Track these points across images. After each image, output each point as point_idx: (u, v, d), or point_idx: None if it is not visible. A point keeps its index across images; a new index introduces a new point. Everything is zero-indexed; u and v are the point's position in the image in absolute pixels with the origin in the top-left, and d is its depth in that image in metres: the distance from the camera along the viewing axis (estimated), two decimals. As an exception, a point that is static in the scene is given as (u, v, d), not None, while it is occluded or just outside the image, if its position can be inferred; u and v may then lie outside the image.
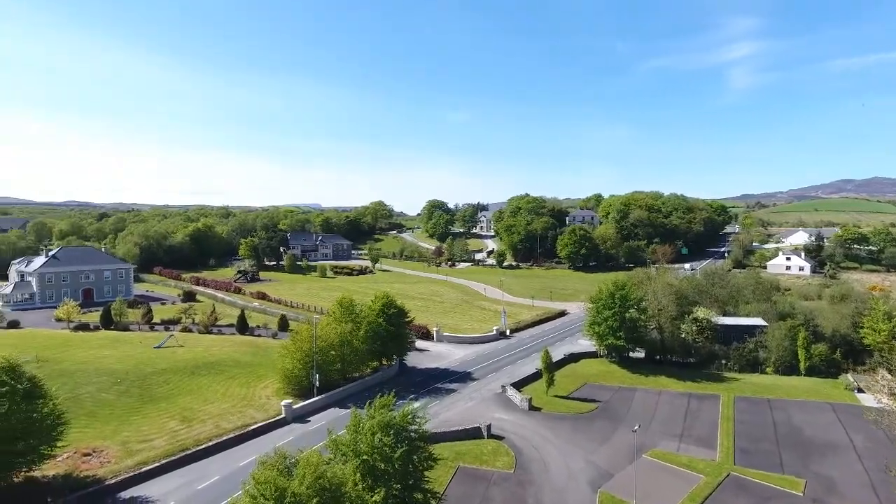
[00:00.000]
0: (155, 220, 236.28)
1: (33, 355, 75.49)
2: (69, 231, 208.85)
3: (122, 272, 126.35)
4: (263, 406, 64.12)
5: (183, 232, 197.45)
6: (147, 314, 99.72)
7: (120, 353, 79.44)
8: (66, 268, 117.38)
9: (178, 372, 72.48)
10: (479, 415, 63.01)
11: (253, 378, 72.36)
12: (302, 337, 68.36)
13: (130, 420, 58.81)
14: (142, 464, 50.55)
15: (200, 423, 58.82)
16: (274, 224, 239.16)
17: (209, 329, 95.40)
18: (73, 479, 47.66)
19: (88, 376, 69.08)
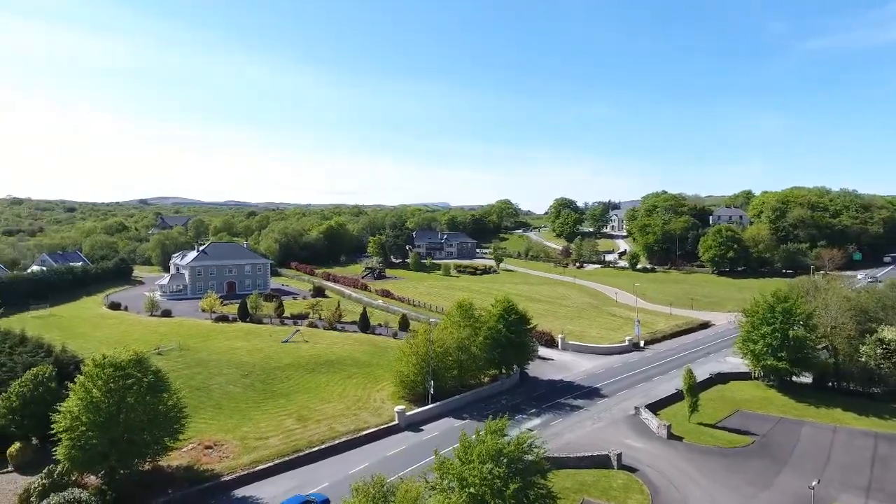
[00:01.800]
0: (294, 218, 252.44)
1: (177, 343, 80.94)
2: (222, 228, 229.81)
3: (261, 267, 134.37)
4: (378, 410, 62.26)
5: (317, 229, 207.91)
6: (279, 308, 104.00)
7: (251, 345, 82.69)
8: (214, 262, 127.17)
9: (299, 368, 73.42)
10: (607, 439, 55.83)
11: (370, 379, 71.16)
12: (418, 340, 65.69)
13: (251, 415, 59.72)
14: (256, 462, 50.41)
15: (315, 424, 58.15)
16: (401, 222, 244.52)
17: (333, 325, 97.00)
18: (194, 471, 48.54)
19: (220, 367, 72.11)
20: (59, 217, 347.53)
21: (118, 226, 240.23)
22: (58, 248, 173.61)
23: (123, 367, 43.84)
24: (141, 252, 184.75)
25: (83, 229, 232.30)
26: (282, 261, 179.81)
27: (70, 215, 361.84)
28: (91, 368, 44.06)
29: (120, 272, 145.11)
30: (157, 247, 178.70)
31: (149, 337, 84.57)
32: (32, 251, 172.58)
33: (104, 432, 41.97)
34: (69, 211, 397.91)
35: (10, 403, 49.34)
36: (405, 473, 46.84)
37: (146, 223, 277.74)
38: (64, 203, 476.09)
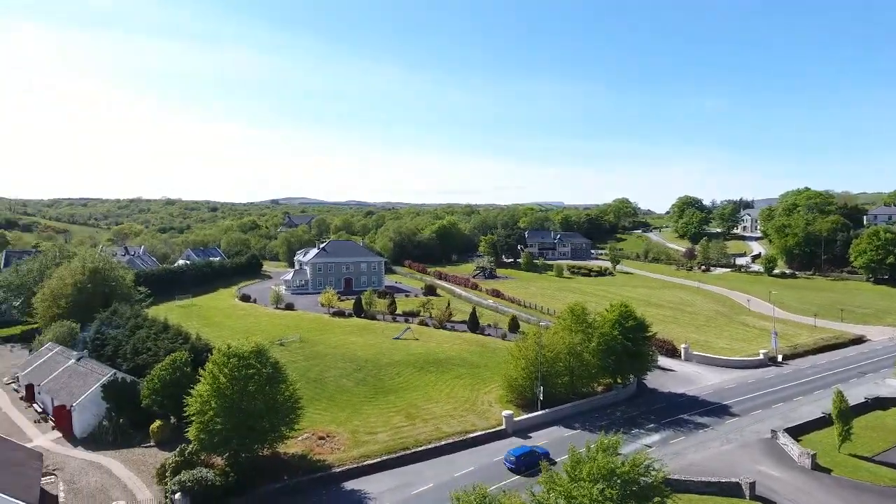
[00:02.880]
0: (408, 218, 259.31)
1: (298, 335, 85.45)
2: (342, 227, 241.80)
3: (376, 264, 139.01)
4: (485, 413, 61.09)
5: (430, 228, 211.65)
6: (391, 305, 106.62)
7: (364, 340, 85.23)
8: (333, 259, 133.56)
9: (409, 366, 74.28)
10: (737, 464, 50.20)
11: (478, 381, 70.22)
12: (528, 344, 63.65)
13: (362, 409, 61.14)
14: (365, 457, 51.31)
15: (423, 423, 58.22)
16: (513, 222, 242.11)
17: (443, 324, 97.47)
18: (308, 460, 50.39)
19: (335, 361, 74.90)
20: (203, 216, 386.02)
21: (251, 224, 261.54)
22: (200, 244, 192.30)
23: (245, 357, 46.36)
24: (270, 249, 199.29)
25: (222, 227, 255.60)
26: (395, 259, 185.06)
27: (213, 214, 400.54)
28: (218, 357, 47.12)
29: (251, 267, 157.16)
30: (283, 244, 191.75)
31: (273, 328, 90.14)
32: (180, 247, 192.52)
33: (228, 417, 44.64)
34: (212, 210, 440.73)
35: (153, 385, 54.34)
36: (509, 483, 45.25)
37: (275, 222, 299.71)
38: (208, 203, 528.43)
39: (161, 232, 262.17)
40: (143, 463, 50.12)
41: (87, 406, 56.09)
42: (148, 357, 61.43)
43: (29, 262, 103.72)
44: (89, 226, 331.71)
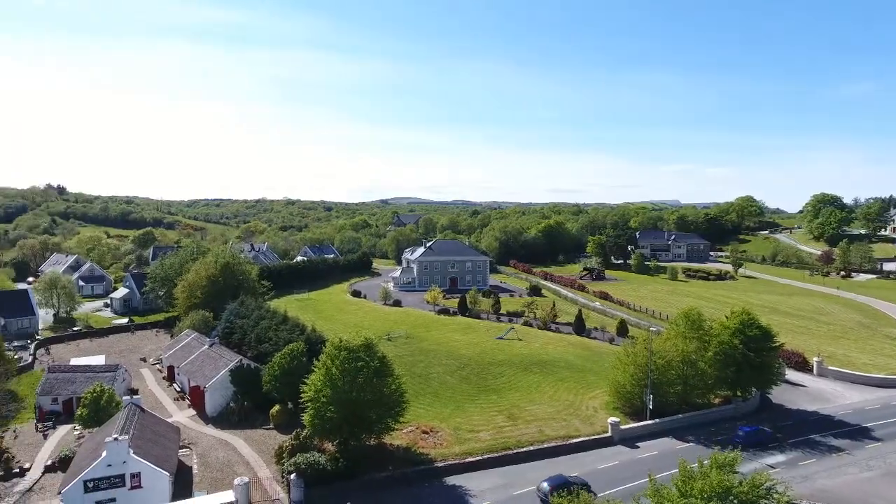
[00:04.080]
0: (514, 217, 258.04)
1: (405, 331, 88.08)
2: (448, 226, 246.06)
3: (481, 264, 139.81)
4: (589, 419, 59.36)
5: (536, 228, 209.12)
6: (495, 304, 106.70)
7: (468, 339, 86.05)
8: (438, 258, 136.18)
9: (512, 366, 73.95)
10: (880, 496, 44.72)
11: (582, 385, 68.38)
12: (637, 349, 60.99)
13: (465, 407, 61.79)
14: (467, 454, 51.82)
15: (525, 424, 57.74)
16: (624, 221, 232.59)
17: (547, 325, 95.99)
18: (412, 453, 51.84)
19: (440, 357, 76.31)
20: (319, 215, 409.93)
21: (362, 223, 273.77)
22: (316, 241, 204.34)
23: (356, 350, 48.59)
24: (379, 247, 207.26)
25: (336, 226, 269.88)
26: (500, 258, 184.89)
27: (328, 214, 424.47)
28: (330, 349, 49.80)
29: (362, 264, 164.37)
30: (392, 242, 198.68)
31: (381, 323, 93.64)
32: (298, 244, 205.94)
33: (339, 407, 47.04)
34: (327, 210, 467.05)
35: (273, 372, 58.63)
36: (614, 493, 43.57)
37: (385, 221, 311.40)
38: (324, 203, 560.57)
39: (282, 230, 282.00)
40: (264, 443, 54.19)
41: (218, 388, 61.71)
42: (269, 346, 66.34)
43: (171, 256, 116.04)
44: (221, 224, 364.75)
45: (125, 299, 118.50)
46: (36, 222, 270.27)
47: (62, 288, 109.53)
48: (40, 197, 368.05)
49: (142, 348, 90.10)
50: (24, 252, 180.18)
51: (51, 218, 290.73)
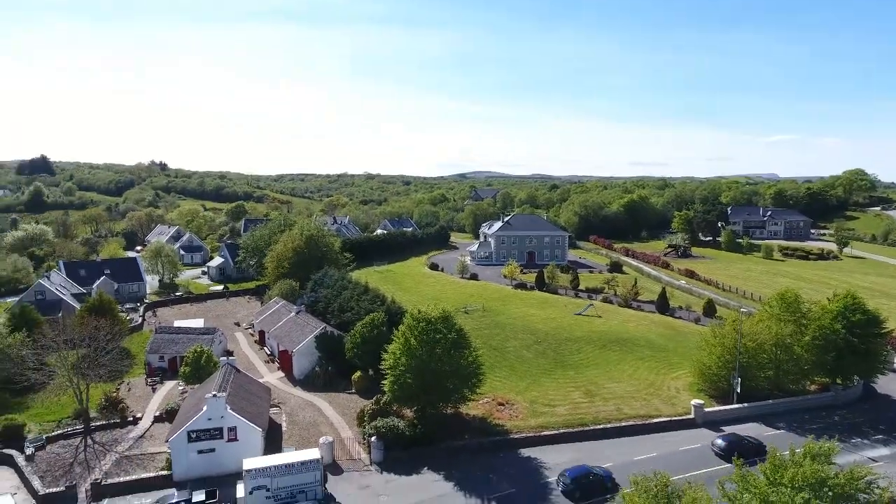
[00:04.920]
0: (595, 192, 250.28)
1: (481, 305, 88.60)
2: (526, 200, 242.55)
3: (559, 239, 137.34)
4: (671, 399, 57.61)
5: (618, 203, 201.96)
6: (574, 280, 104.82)
7: (545, 314, 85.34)
8: (516, 232, 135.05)
9: (591, 342, 72.78)
10: None
11: (664, 365, 66.28)
12: (726, 330, 58.24)
13: (541, 381, 61.73)
14: (542, 427, 51.99)
15: (602, 401, 56.97)
16: (714, 196, 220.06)
17: (628, 303, 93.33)
18: (487, 423, 52.65)
19: (516, 332, 76.32)
20: (398, 189, 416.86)
21: (440, 197, 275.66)
22: (395, 215, 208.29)
23: (434, 322, 49.56)
24: (457, 221, 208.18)
25: (414, 200, 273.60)
26: (580, 234, 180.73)
27: (406, 188, 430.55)
28: (409, 320, 51.09)
29: (440, 238, 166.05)
30: (469, 216, 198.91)
31: (458, 296, 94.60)
32: (378, 217, 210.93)
33: (417, 376, 48.40)
34: (406, 184, 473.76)
35: (355, 340, 61.01)
36: (695, 476, 42.24)
37: (462, 195, 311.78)
38: (403, 177, 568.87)
39: (362, 204, 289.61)
40: (346, 407, 56.83)
41: (304, 353, 65.10)
42: (351, 315, 68.93)
43: (261, 228, 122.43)
44: (305, 198, 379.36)
45: (220, 268, 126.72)
46: (142, 196, 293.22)
47: (166, 256, 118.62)
48: (145, 172, 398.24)
49: (235, 313, 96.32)
50: (132, 223, 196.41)
51: (154, 192, 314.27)
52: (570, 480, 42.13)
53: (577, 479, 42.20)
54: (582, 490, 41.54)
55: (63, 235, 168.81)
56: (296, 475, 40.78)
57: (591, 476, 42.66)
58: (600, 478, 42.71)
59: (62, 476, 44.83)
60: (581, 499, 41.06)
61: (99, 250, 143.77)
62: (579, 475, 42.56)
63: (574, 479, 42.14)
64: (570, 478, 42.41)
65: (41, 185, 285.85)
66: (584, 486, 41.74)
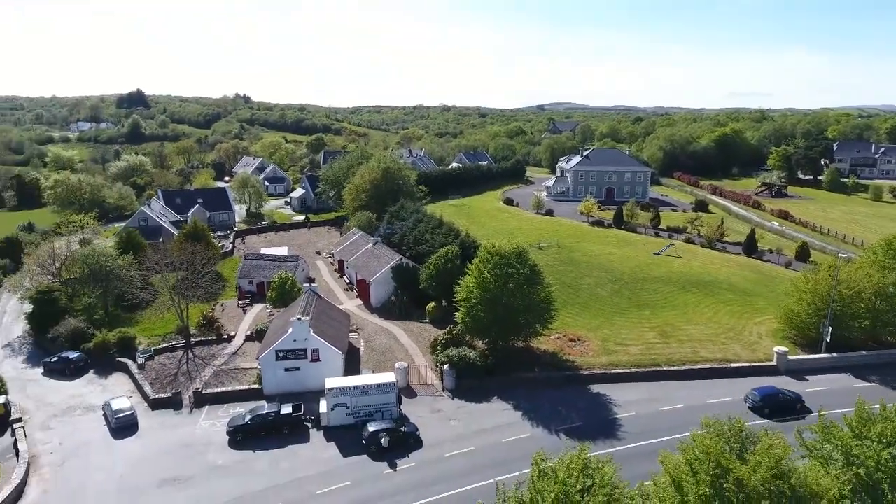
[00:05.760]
0: (683, 125, 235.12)
1: (556, 241, 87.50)
2: (607, 133, 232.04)
3: (641, 175, 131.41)
4: (752, 345, 55.55)
5: (708, 137, 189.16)
6: (654, 219, 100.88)
7: (622, 252, 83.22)
8: (595, 167, 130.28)
9: (669, 283, 70.64)
10: None
11: (747, 309, 63.55)
12: (820, 276, 54.64)
13: (614, 320, 61.06)
14: (614, 365, 51.95)
15: (678, 343, 55.83)
16: (818, 131, 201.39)
17: (712, 244, 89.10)
18: (558, 358, 53.17)
19: (591, 269, 75.16)
20: (474, 122, 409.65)
21: (517, 130, 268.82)
22: (471, 148, 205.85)
23: (507, 257, 49.65)
24: (533, 154, 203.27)
25: (490, 132, 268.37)
26: (664, 170, 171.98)
27: (482, 120, 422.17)
28: (483, 254, 51.46)
29: (515, 172, 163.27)
30: (546, 150, 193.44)
31: (533, 232, 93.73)
32: (453, 150, 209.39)
33: (489, 309, 49.19)
34: (482, 117, 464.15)
35: (430, 272, 62.34)
36: (772, 424, 41.11)
37: (540, 128, 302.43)
38: (479, 109, 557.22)
39: (438, 136, 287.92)
40: (420, 335, 58.97)
41: (381, 282, 67.48)
42: (426, 247, 70.18)
43: (339, 161, 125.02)
44: (382, 130, 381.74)
45: (302, 199, 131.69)
46: (228, 128, 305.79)
47: (252, 187, 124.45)
48: (231, 105, 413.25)
49: (316, 243, 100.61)
50: (220, 154, 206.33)
51: (239, 124, 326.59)
52: (760, 398, 44.57)
53: (767, 397, 44.58)
54: (771, 408, 43.99)
55: (160, 166, 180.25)
56: (373, 396, 43.39)
57: (781, 396, 44.87)
58: (790, 398, 44.90)
59: (168, 384, 50.05)
60: (770, 415, 43.34)
61: (192, 180, 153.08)
62: (769, 394, 44.86)
63: (764, 398, 44.50)
64: (759, 396, 44.80)
65: (139, 118, 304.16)
66: (773, 405, 44.23)
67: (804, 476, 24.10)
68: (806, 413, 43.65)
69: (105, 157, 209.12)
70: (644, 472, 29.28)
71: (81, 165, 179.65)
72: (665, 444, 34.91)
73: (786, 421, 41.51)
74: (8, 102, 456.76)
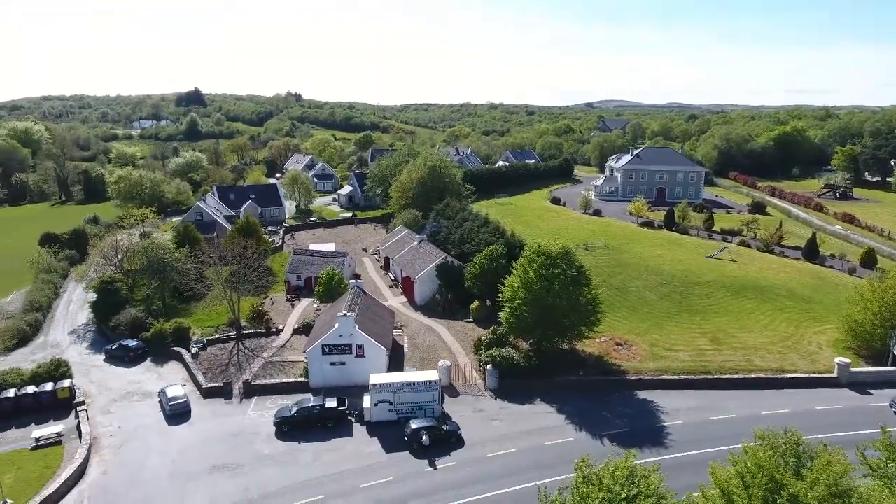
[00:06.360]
0: (740, 123, 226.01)
1: (603, 242, 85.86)
2: (659, 132, 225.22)
3: (694, 174, 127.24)
4: (811, 355, 53.03)
5: (767, 135, 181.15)
6: (708, 220, 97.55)
7: (672, 255, 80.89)
8: (645, 167, 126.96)
9: (722, 288, 68.21)
10: None
11: (806, 317, 60.69)
12: (887, 284, 51.82)
13: (663, 324, 59.45)
14: (662, 371, 50.58)
15: (731, 350, 53.87)
16: (888, 129, 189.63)
17: (770, 247, 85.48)
18: (603, 362, 52.20)
19: (640, 272, 73.37)
20: (521, 119, 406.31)
21: (565, 128, 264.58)
22: (517, 146, 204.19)
23: (553, 257, 48.98)
24: (581, 153, 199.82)
25: (538, 131, 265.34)
26: (719, 169, 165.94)
27: (530, 118, 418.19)
28: (529, 253, 50.96)
29: (563, 171, 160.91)
30: (595, 149, 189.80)
31: (580, 232, 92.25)
32: (500, 148, 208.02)
33: (534, 309, 48.65)
34: (529, 114, 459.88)
35: (474, 271, 62.19)
36: (832, 438, 38.96)
37: (589, 126, 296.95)
38: (527, 107, 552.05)
39: (484, 134, 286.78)
40: (464, 334, 58.95)
41: (425, 280, 67.81)
42: (471, 246, 70.09)
43: (387, 159, 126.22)
44: (429, 128, 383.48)
45: (349, 196, 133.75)
46: (280, 126, 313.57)
47: (301, 184, 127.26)
48: (282, 103, 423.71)
49: (363, 239, 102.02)
50: (272, 152, 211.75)
51: (290, 122, 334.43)
52: None
53: None
54: None
55: (215, 162, 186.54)
56: (416, 393, 43.67)
57: None
58: None
59: (220, 374, 51.77)
60: None
61: (245, 176, 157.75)
62: None
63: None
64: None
65: (196, 116, 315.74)
66: None
67: (866, 496, 22.88)
68: None
69: (164, 153, 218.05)
70: (692, 484, 28.34)
71: (143, 161, 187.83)
72: (715, 455, 33.68)
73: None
74: (77, 101, 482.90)
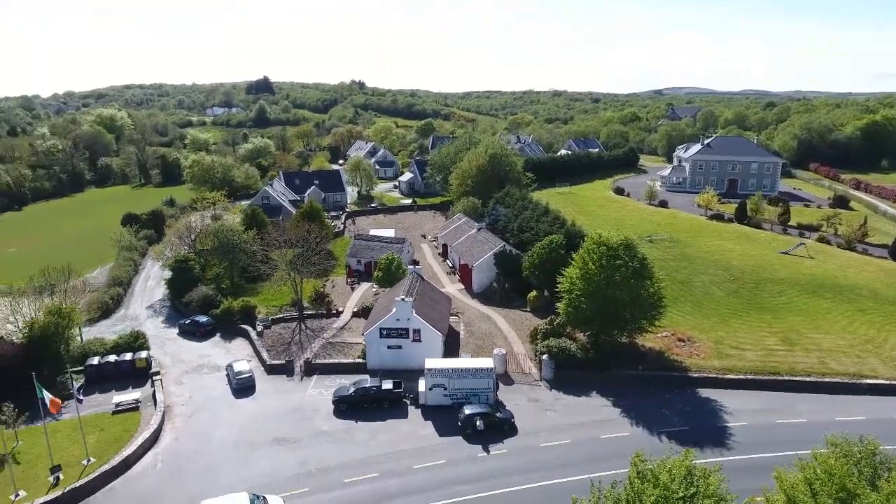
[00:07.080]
0: (823, 111, 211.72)
1: (668, 234, 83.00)
2: (733, 120, 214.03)
3: (770, 166, 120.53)
4: (894, 360, 49.53)
5: (853, 125, 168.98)
6: (783, 214, 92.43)
7: (743, 249, 77.27)
8: (717, 157, 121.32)
9: (796, 286, 64.66)
10: None
11: (889, 320, 56.70)
12: None
13: (730, 322, 57.03)
14: (727, 370, 48.62)
15: (803, 352, 51.04)
16: None
17: (852, 245, 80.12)
18: (664, 357, 50.66)
19: (706, 266, 70.58)
20: (586, 107, 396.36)
21: (631, 116, 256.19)
22: (581, 135, 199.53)
23: (615, 248, 47.71)
24: (648, 142, 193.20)
25: (603, 119, 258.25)
26: (798, 161, 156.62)
27: (594, 105, 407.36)
28: (589, 244, 49.84)
29: (628, 160, 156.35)
30: (663, 138, 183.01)
31: (644, 224, 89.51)
32: (563, 137, 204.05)
33: (593, 301, 47.65)
34: (594, 102, 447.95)
35: (532, 260, 61.58)
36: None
37: (657, 114, 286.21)
38: (591, 94, 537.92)
39: (547, 122, 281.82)
40: (520, 323, 58.60)
41: (483, 268, 67.75)
42: (530, 235, 69.39)
43: (447, 146, 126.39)
44: (490, 115, 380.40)
45: (410, 182, 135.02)
46: (343, 113, 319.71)
47: (363, 170, 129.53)
48: (346, 91, 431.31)
49: (422, 226, 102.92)
50: (335, 139, 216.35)
51: (354, 109, 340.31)
52: None
53: None
54: None
55: (282, 149, 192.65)
56: (470, 379, 43.90)
57: None
58: None
59: (283, 352, 53.83)
60: None
61: (309, 162, 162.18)
62: None
63: None
64: None
65: (265, 104, 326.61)
66: None
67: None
68: None
69: (235, 139, 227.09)
70: (755, 488, 27.15)
71: (215, 147, 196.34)
72: (781, 460, 31.96)
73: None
74: (156, 90, 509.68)
